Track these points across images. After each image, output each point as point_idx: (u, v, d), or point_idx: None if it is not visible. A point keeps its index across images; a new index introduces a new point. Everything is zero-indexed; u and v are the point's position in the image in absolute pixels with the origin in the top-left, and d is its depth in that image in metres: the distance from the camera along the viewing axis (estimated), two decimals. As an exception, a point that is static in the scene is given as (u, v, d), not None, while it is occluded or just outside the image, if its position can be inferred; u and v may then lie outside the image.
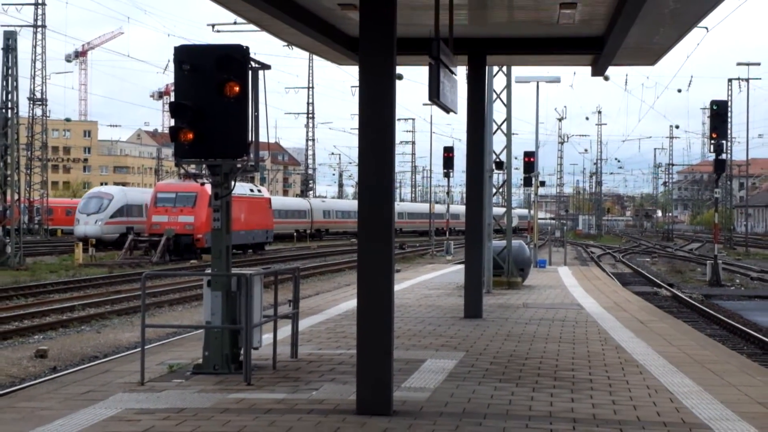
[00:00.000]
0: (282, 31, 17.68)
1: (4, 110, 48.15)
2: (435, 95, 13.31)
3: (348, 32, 18.02)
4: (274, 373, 12.75)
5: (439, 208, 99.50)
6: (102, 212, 66.05)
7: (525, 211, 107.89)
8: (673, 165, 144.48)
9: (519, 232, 69.39)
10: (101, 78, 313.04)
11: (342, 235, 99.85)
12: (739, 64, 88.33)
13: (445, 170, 53.64)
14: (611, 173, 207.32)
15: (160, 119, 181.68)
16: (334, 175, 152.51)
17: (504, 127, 31.31)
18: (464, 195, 23.49)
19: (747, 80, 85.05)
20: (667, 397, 11.48)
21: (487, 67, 22.83)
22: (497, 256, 28.65)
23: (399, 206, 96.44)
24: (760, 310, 31.67)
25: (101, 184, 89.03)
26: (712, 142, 40.66)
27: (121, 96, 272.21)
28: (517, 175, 41.34)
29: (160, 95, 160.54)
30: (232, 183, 12.87)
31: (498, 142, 30.82)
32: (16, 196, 48.80)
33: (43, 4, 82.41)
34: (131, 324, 25.67)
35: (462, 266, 24.51)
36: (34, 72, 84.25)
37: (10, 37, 48.92)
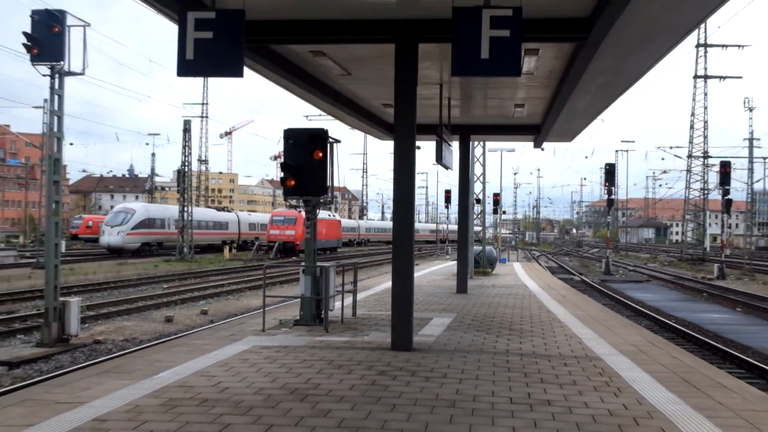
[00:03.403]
0: (346, 119, 17.75)
1: (183, 167, 48.92)
2: (439, 159, 13.35)
3: (387, 120, 18.08)
4: (342, 325, 12.74)
5: (441, 227, 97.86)
6: (125, 224, 49.72)
7: (491, 229, 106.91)
8: (582, 202, 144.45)
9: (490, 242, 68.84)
10: (240, 147, 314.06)
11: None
12: (622, 141, 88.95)
13: (445, 204, 53.36)
14: (545, 206, 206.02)
15: (275, 172, 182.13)
16: (379, 206, 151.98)
17: (481, 178, 31.37)
18: (457, 219, 23.38)
19: (627, 151, 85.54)
20: (577, 341, 11.37)
21: (470, 142, 22.74)
22: (477, 255, 28.59)
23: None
24: (634, 290, 31.39)
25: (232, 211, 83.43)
26: (606, 188, 40.69)
27: (251, 158, 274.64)
28: (489, 207, 41.39)
29: (275, 158, 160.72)
30: (317, 211, 12.92)
31: (477, 187, 30.84)
32: (189, 218, 49.30)
33: (206, 103, 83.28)
34: (257, 295, 25.78)
35: (456, 262, 24.37)
36: (201, 144, 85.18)
37: (187, 123, 49.96)
